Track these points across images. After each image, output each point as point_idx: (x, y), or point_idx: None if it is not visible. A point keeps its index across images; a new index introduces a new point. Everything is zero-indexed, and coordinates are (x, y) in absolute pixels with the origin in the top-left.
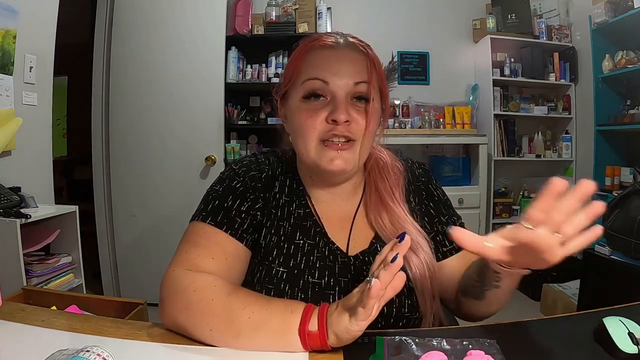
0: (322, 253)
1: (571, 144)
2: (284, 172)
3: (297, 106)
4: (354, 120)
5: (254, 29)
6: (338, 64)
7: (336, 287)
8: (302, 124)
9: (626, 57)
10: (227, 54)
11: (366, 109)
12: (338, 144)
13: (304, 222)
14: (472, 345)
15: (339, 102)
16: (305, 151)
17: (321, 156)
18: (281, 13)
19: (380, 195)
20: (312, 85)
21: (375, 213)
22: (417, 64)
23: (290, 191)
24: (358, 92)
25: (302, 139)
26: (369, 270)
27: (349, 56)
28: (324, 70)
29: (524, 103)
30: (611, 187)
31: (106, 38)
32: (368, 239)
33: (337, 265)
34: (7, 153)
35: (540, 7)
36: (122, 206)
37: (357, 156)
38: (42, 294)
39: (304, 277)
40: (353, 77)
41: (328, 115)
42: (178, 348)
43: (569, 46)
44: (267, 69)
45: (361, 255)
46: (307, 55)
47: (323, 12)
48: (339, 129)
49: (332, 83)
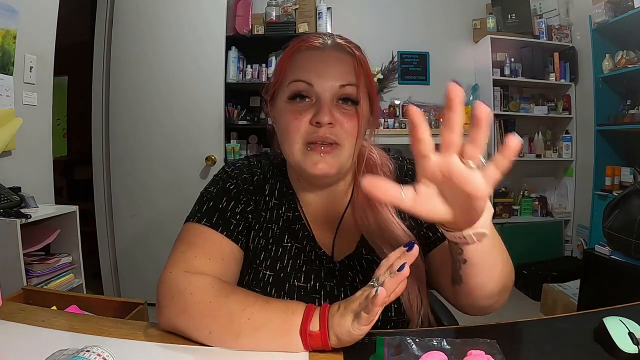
0: (308, 257)
1: (571, 144)
2: (275, 175)
3: (283, 107)
4: (339, 123)
5: (254, 29)
6: (324, 65)
7: (321, 291)
8: (286, 126)
9: (626, 57)
10: (227, 54)
11: (354, 111)
12: (321, 147)
13: (293, 225)
14: (472, 345)
15: (323, 103)
16: (290, 153)
17: (305, 159)
18: (281, 13)
19: (367, 195)
20: (296, 87)
21: (361, 213)
22: (417, 64)
23: (280, 194)
24: (344, 94)
25: (287, 140)
26: (373, 274)
27: (336, 57)
28: (309, 72)
29: (524, 103)
30: (611, 187)
31: (106, 38)
32: (354, 242)
33: (323, 269)
34: (7, 153)
35: (541, 7)
36: (122, 206)
37: (341, 160)
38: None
39: (290, 281)
40: (339, 79)
41: (312, 117)
42: (178, 348)
43: (569, 46)
44: (267, 69)
45: (346, 260)
46: (293, 57)
47: (323, 12)
48: (323, 131)
49: (317, 85)
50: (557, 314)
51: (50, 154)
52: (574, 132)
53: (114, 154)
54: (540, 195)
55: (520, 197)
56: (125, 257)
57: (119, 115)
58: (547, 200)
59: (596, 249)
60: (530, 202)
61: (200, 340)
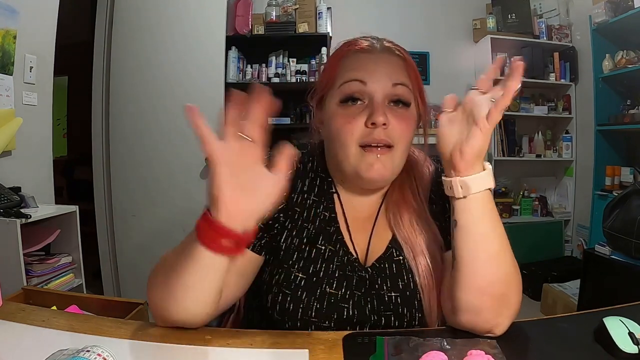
0: (341, 262)
1: (571, 143)
2: (315, 170)
3: (334, 111)
4: (392, 124)
5: (254, 28)
6: (375, 65)
7: (350, 301)
8: (339, 130)
9: (626, 57)
10: (227, 54)
11: (405, 113)
12: (377, 148)
13: (328, 227)
14: (472, 345)
15: (377, 104)
16: (344, 157)
17: (360, 162)
18: (281, 13)
19: (403, 193)
20: (349, 88)
21: (395, 211)
22: (417, 64)
23: (320, 191)
24: (396, 94)
25: (340, 145)
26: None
27: (386, 59)
28: (361, 71)
29: (524, 103)
30: (611, 187)
31: (106, 38)
32: (385, 242)
33: (355, 277)
34: (7, 153)
35: (541, 7)
36: (122, 206)
37: (396, 162)
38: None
39: (322, 286)
40: (391, 78)
41: (367, 119)
42: (178, 348)
43: (569, 46)
44: (267, 69)
45: (377, 263)
46: (343, 60)
47: (323, 12)
48: (377, 132)
49: (370, 83)
50: (557, 314)
51: (50, 154)
52: (574, 132)
53: (114, 154)
54: (540, 195)
55: (520, 197)
56: (125, 257)
57: (119, 115)
58: (547, 200)
59: (596, 249)
60: (530, 202)
61: (171, 308)
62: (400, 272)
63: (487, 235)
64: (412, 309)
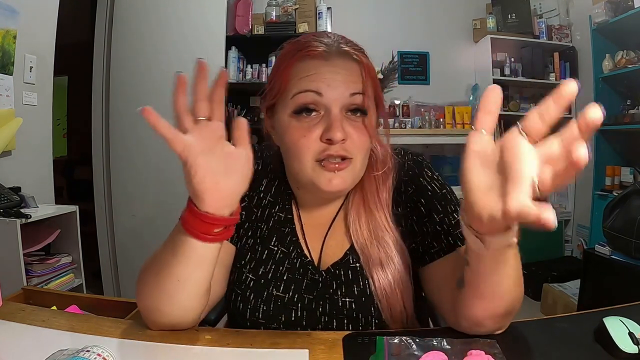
0: (292, 265)
1: None
2: (275, 171)
3: (287, 122)
4: (350, 137)
5: (254, 28)
6: (332, 74)
7: (299, 304)
8: (294, 144)
9: (626, 57)
10: (227, 54)
11: (362, 122)
12: (335, 164)
13: (283, 228)
14: (472, 345)
15: (333, 118)
16: (300, 170)
17: (319, 177)
18: (281, 13)
19: (364, 196)
20: (304, 99)
21: (354, 216)
22: (417, 64)
23: (276, 192)
24: (353, 104)
25: (296, 159)
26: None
27: (343, 66)
28: (316, 81)
29: (524, 103)
30: (611, 187)
31: (106, 38)
32: (344, 248)
33: (306, 280)
34: (7, 153)
35: (541, 7)
36: (122, 206)
37: (355, 174)
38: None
39: (269, 289)
40: (348, 88)
41: (322, 133)
42: (178, 348)
43: (569, 46)
44: (267, 69)
45: (332, 268)
46: (295, 66)
47: (323, 12)
48: (335, 148)
49: (326, 94)
50: (557, 314)
51: (50, 154)
52: None
53: (114, 154)
54: None
55: None
56: (126, 257)
57: (119, 115)
58: (547, 200)
59: (596, 249)
60: None
61: (161, 305)
62: (357, 279)
63: (499, 282)
64: (367, 315)
